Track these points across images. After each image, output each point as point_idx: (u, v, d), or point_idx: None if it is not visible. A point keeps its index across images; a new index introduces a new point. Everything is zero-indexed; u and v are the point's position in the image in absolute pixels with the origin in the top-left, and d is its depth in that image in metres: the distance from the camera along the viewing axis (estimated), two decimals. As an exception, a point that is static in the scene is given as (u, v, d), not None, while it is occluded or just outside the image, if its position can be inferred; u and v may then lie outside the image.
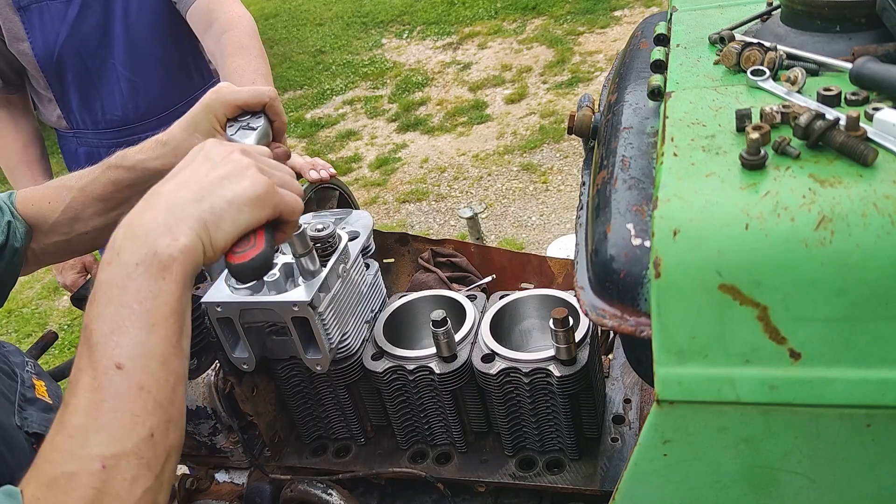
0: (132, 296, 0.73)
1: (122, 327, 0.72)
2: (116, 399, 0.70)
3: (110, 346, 0.71)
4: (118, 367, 0.71)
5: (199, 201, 0.79)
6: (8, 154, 2.15)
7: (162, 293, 0.74)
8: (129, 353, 0.71)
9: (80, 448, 0.68)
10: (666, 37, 1.07)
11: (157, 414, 0.72)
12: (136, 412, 0.70)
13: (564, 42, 5.96)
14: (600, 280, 0.82)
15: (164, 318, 0.74)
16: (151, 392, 0.72)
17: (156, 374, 0.72)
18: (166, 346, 0.73)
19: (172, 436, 0.74)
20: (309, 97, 6.35)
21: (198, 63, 2.18)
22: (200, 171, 0.82)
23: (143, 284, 0.73)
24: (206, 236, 0.78)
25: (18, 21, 1.95)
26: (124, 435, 0.70)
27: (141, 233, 0.76)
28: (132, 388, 0.71)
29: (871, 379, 0.71)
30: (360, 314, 1.32)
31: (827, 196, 0.68)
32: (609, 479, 1.20)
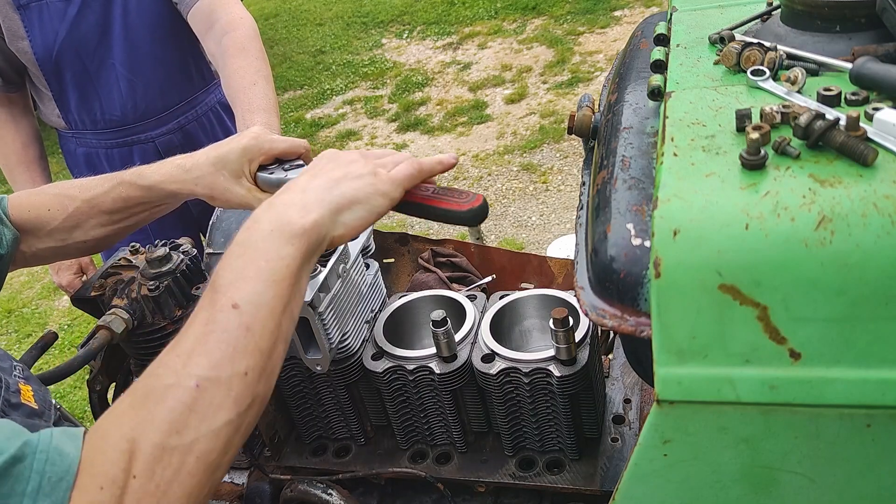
0: (261, 254, 0.83)
1: (245, 277, 0.81)
2: (224, 332, 0.78)
3: (231, 290, 0.80)
4: (234, 306, 0.79)
5: (330, 189, 0.91)
6: (7, 154, 2.15)
7: (286, 257, 0.83)
8: (245, 298, 0.80)
9: (181, 366, 0.76)
10: (666, 37, 1.07)
11: (255, 357, 0.79)
12: (239, 348, 0.78)
13: (564, 42, 5.96)
14: (600, 280, 0.82)
15: (282, 278, 0.83)
16: (255, 336, 0.79)
17: (264, 322, 0.80)
18: (278, 303, 0.82)
19: (263, 385, 0.80)
20: (309, 97, 6.35)
21: (198, 64, 2.18)
22: (328, 168, 0.95)
23: (272, 246, 0.84)
24: (338, 216, 0.90)
25: (18, 19, 1.95)
26: (222, 364, 0.77)
27: (280, 207, 0.88)
28: (240, 327, 0.79)
29: (871, 379, 0.71)
30: (360, 314, 1.32)
31: (827, 196, 0.68)
32: (609, 479, 1.20)
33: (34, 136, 2.19)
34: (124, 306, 1.32)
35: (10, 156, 2.15)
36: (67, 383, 3.65)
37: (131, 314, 1.32)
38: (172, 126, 2.17)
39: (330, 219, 0.89)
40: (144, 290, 1.33)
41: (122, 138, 2.14)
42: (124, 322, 1.31)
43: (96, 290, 1.40)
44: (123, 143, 2.15)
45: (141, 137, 2.15)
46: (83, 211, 1.19)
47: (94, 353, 1.28)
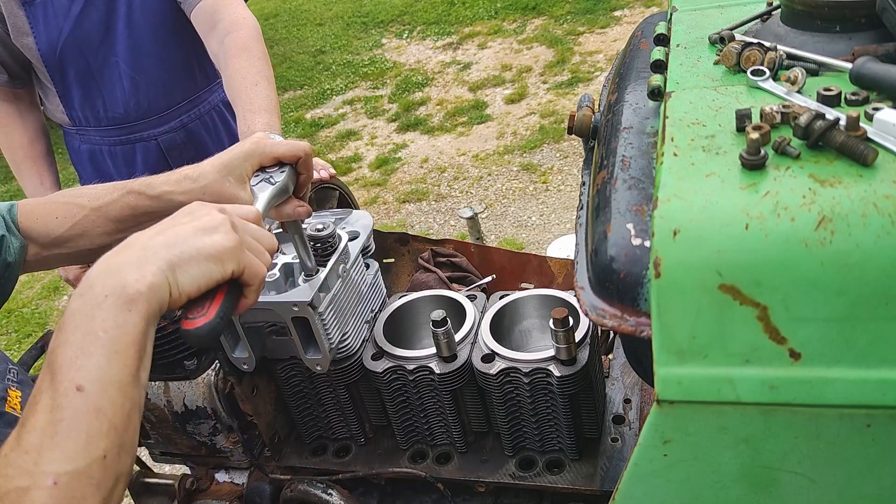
0: (98, 324, 0.77)
1: (85, 352, 0.76)
2: (73, 419, 0.73)
3: (73, 370, 0.75)
4: (78, 388, 0.74)
5: (171, 247, 0.85)
6: (14, 149, 2.16)
7: (126, 324, 0.78)
8: (89, 377, 0.75)
9: (33, 464, 0.71)
10: (666, 37, 1.07)
11: (111, 437, 0.75)
12: (92, 433, 0.73)
13: (564, 42, 5.96)
14: (600, 280, 0.82)
15: (125, 347, 0.77)
16: (108, 416, 0.75)
17: (113, 399, 0.75)
18: (125, 375, 0.77)
19: (123, 461, 0.76)
20: (309, 97, 6.35)
21: (202, 63, 2.18)
22: (178, 222, 0.89)
23: (110, 314, 0.78)
24: (174, 278, 0.83)
25: (23, 15, 1.95)
26: (78, 454, 0.72)
27: (114, 269, 0.81)
28: (89, 410, 0.74)
29: (871, 379, 0.71)
30: (360, 314, 1.32)
31: (827, 196, 0.68)
32: (609, 479, 1.20)
33: (41, 132, 2.20)
34: (124, 306, 1.32)
35: (17, 151, 2.16)
36: (67, 383, 3.64)
37: (131, 314, 1.32)
38: (175, 124, 2.17)
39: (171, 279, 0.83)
40: (144, 290, 1.33)
41: (125, 136, 2.14)
42: (124, 322, 1.30)
43: (96, 290, 1.40)
44: (126, 140, 2.15)
45: (144, 135, 2.15)
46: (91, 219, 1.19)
47: (94, 353, 1.27)
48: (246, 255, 0.90)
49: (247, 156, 1.14)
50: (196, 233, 0.87)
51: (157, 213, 1.19)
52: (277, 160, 1.15)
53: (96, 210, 1.19)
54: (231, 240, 0.88)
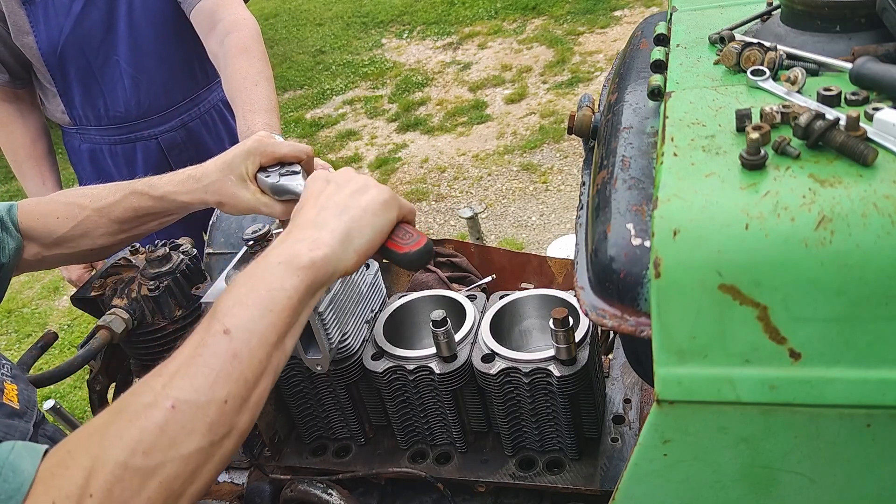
0: (264, 283, 0.83)
1: (243, 304, 0.81)
2: (211, 357, 0.77)
3: (228, 316, 0.80)
4: (225, 331, 0.78)
5: (340, 215, 0.91)
6: (16, 149, 2.16)
7: (289, 288, 0.83)
8: (238, 324, 0.79)
9: (161, 387, 0.75)
10: (666, 37, 1.07)
11: (238, 385, 0.77)
12: (222, 374, 0.76)
13: (564, 42, 5.96)
14: (600, 280, 0.82)
15: (280, 309, 0.82)
16: (242, 364, 0.78)
17: (253, 351, 0.79)
18: (271, 333, 0.81)
19: (243, 417, 0.78)
20: (309, 97, 6.35)
21: (202, 62, 2.18)
22: (330, 192, 0.94)
23: (276, 277, 0.83)
24: (350, 245, 0.89)
25: (24, 14, 1.96)
26: (203, 388, 0.75)
27: (291, 241, 0.88)
28: (227, 353, 0.77)
29: (871, 379, 0.71)
30: (360, 314, 1.32)
31: (827, 196, 0.68)
32: (609, 479, 1.20)
33: (42, 132, 2.20)
34: (124, 306, 1.32)
35: (18, 151, 2.16)
36: (67, 383, 3.65)
37: (131, 314, 1.32)
38: (175, 123, 2.17)
39: (341, 250, 0.88)
40: (144, 290, 1.33)
41: (126, 135, 2.15)
42: (124, 322, 1.31)
43: (96, 290, 1.40)
44: (127, 139, 2.16)
45: (144, 134, 2.15)
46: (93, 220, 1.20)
47: (94, 353, 1.28)
48: (398, 198, 0.97)
49: (247, 154, 1.15)
50: (354, 196, 0.93)
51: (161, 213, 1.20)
52: (279, 160, 1.16)
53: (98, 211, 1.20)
54: (385, 191, 0.95)
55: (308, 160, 1.18)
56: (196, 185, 1.16)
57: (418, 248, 0.96)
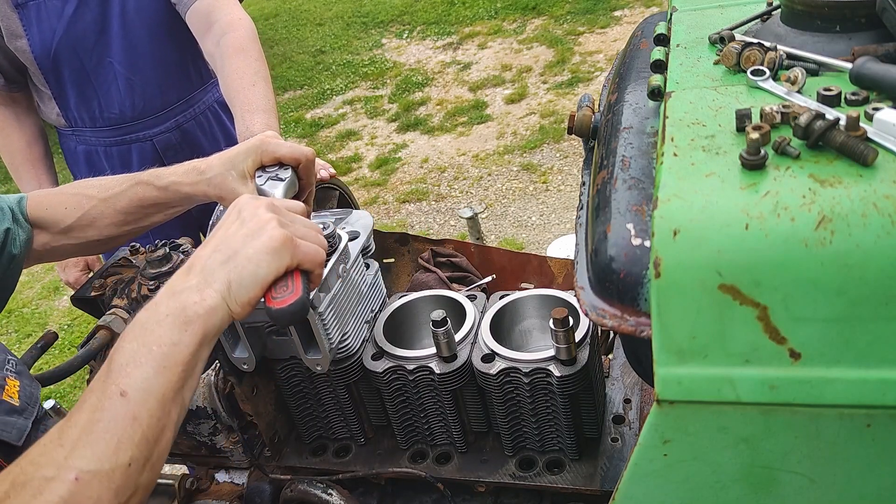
0: (154, 339, 0.82)
1: (136, 362, 0.80)
2: (111, 422, 0.77)
3: (122, 376, 0.79)
4: (122, 394, 0.78)
5: (226, 263, 0.89)
6: (12, 152, 2.16)
7: (179, 343, 0.82)
8: (134, 385, 0.79)
9: (63, 458, 0.74)
10: (666, 37, 1.07)
11: (141, 447, 0.77)
12: (124, 439, 0.76)
13: (564, 42, 5.96)
14: (600, 280, 0.82)
15: (174, 365, 0.81)
16: (143, 425, 0.78)
17: (151, 410, 0.79)
18: (168, 390, 0.81)
19: (146, 475, 0.79)
20: (309, 97, 6.35)
21: (197, 63, 2.18)
22: (230, 230, 0.92)
23: (166, 332, 0.83)
24: (230, 296, 0.87)
25: (16, 18, 1.95)
26: (106, 456, 0.75)
27: (178, 291, 0.86)
28: (126, 416, 0.77)
29: (871, 379, 0.71)
30: (360, 314, 1.32)
31: (827, 196, 0.68)
32: (609, 479, 1.20)
33: (38, 135, 2.20)
34: (124, 306, 1.32)
35: (15, 154, 2.16)
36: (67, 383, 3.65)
37: (131, 314, 1.32)
38: (170, 125, 2.17)
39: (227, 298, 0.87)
40: (144, 289, 1.33)
41: (121, 136, 2.14)
42: (124, 322, 1.31)
43: (96, 290, 1.40)
44: (122, 141, 2.15)
45: (139, 136, 2.15)
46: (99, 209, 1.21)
47: (94, 353, 1.28)
48: (298, 246, 0.92)
49: (249, 151, 1.16)
50: (245, 240, 0.90)
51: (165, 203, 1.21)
52: (278, 161, 1.17)
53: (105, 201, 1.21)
54: (279, 236, 0.90)
55: (307, 162, 1.18)
56: (199, 178, 1.17)
57: (285, 305, 0.89)
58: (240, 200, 0.96)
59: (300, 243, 0.92)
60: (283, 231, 0.91)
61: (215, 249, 0.90)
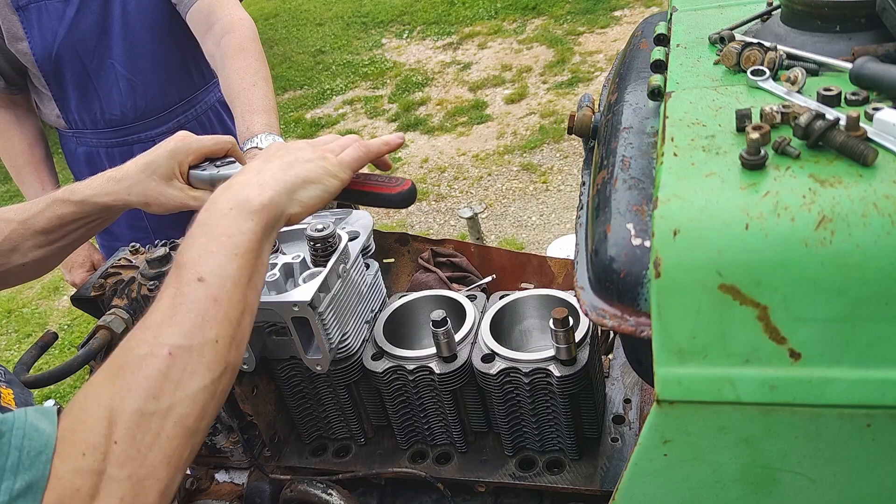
0: (223, 230, 0.87)
1: (208, 252, 0.85)
2: (193, 303, 0.81)
3: (197, 265, 0.83)
4: (199, 279, 0.82)
5: (284, 170, 0.95)
6: (14, 155, 2.16)
7: (247, 231, 0.87)
8: (211, 271, 0.83)
9: (153, 337, 0.79)
10: (666, 37, 1.07)
11: (224, 325, 0.82)
12: (208, 317, 0.81)
13: (564, 42, 5.96)
14: (600, 280, 0.82)
15: (245, 252, 0.86)
16: (223, 306, 0.82)
17: (230, 293, 0.83)
18: (242, 275, 0.85)
19: (233, 353, 0.83)
20: (309, 97, 6.35)
21: (198, 63, 2.18)
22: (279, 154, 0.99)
23: (234, 222, 0.87)
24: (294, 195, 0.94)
25: (17, 21, 1.95)
26: (193, 332, 0.80)
27: (237, 187, 0.92)
28: (208, 298, 0.82)
29: (871, 379, 0.71)
30: (360, 314, 1.32)
31: (827, 196, 0.68)
32: (609, 479, 1.20)
33: (39, 137, 2.20)
34: (124, 306, 1.32)
35: (17, 157, 2.16)
36: (67, 383, 3.65)
37: (131, 314, 1.32)
38: (172, 125, 2.17)
39: (286, 196, 0.93)
40: (144, 290, 1.33)
41: (122, 137, 2.14)
42: (124, 322, 1.31)
43: (96, 290, 1.40)
44: (123, 142, 2.15)
45: (141, 136, 2.15)
46: (19, 233, 1.19)
47: (94, 353, 1.28)
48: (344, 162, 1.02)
49: (172, 153, 1.17)
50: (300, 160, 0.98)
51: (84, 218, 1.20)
52: (206, 156, 1.19)
53: (23, 223, 1.19)
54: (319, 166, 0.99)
55: (233, 148, 1.21)
56: (116, 187, 1.17)
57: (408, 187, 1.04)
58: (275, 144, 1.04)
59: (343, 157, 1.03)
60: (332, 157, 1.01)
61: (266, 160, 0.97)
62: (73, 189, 1.19)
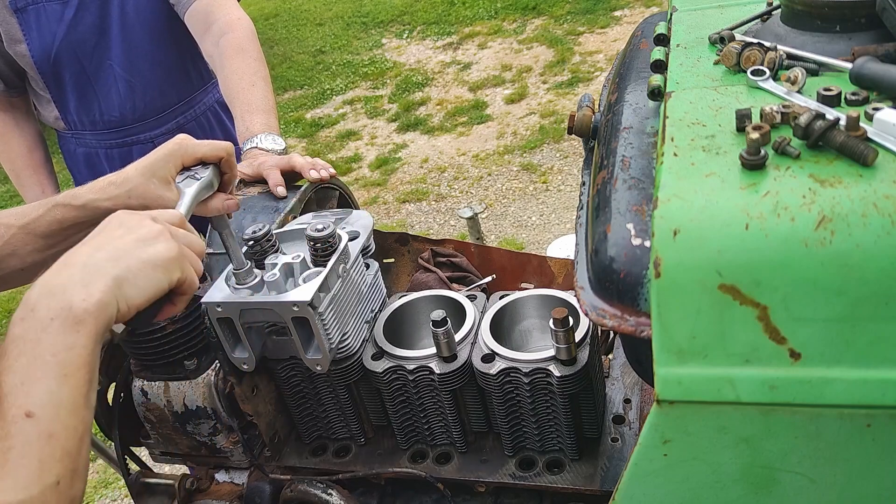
0: (46, 348, 0.75)
1: (33, 377, 0.74)
2: (25, 446, 0.72)
3: (21, 396, 0.73)
4: (27, 415, 0.72)
5: (116, 261, 0.83)
6: (13, 158, 2.15)
7: (76, 346, 0.77)
8: (39, 402, 0.73)
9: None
10: (666, 37, 1.07)
11: (64, 462, 0.73)
12: (45, 459, 0.72)
13: (564, 42, 5.96)
14: (600, 280, 0.82)
15: (76, 370, 0.76)
16: (60, 440, 0.73)
17: (65, 423, 0.74)
18: (76, 397, 0.76)
19: (77, 486, 0.75)
20: (309, 97, 6.35)
21: (196, 63, 2.18)
22: (115, 234, 0.87)
23: (58, 338, 0.76)
24: (121, 294, 0.82)
25: (16, 23, 1.94)
26: (31, 482, 0.71)
27: (58, 290, 0.79)
28: (41, 436, 0.72)
29: (871, 379, 0.71)
30: (360, 314, 1.32)
31: (827, 196, 0.68)
32: (609, 479, 1.20)
33: (39, 140, 2.20)
34: (124, 306, 1.32)
35: (16, 160, 2.15)
36: (67, 383, 3.64)
37: (131, 314, 1.32)
38: (171, 126, 2.17)
39: (118, 295, 0.82)
40: (144, 290, 1.33)
41: (122, 138, 2.14)
42: (124, 322, 1.30)
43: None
44: (123, 143, 2.15)
45: (140, 137, 2.15)
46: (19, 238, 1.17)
47: (94, 354, 1.28)
48: (187, 263, 0.91)
49: (169, 156, 1.15)
50: (138, 244, 0.86)
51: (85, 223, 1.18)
52: (200, 160, 1.17)
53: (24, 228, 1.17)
54: (173, 248, 0.89)
55: (228, 157, 1.18)
56: (118, 191, 1.16)
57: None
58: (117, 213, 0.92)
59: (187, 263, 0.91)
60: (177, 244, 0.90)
61: (97, 248, 0.85)
62: (74, 194, 1.18)
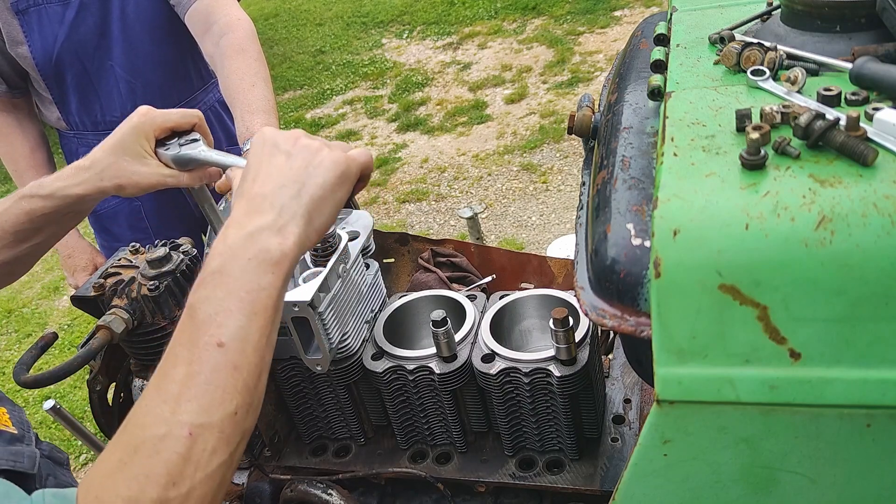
0: (241, 285, 0.79)
1: (227, 311, 0.78)
2: (212, 373, 0.75)
3: (213, 326, 0.77)
4: (219, 344, 0.76)
5: (299, 196, 0.85)
6: (16, 159, 2.15)
7: (268, 287, 0.80)
8: (230, 335, 0.77)
9: (171, 414, 0.73)
10: (666, 37, 1.07)
11: (243, 395, 0.77)
12: (228, 389, 0.76)
13: (564, 42, 5.96)
14: (600, 280, 0.82)
15: (264, 309, 0.80)
16: (243, 374, 0.77)
17: (249, 357, 0.78)
18: (261, 335, 0.79)
19: (250, 419, 0.79)
20: (309, 97, 6.35)
21: (197, 64, 2.18)
22: (280, 163, 0.88)
23: (254, 277, 0.80)
24: (312, 228, 0.85)
25: (17, 25, 1.95)
26: (213, 408, 0.74)
27: (254, 231, 0.82)
28: (227, 366, 0.76)
29: (871, 379, 0.71)
30: (360, 314, 1.32)
31: (827, 196, 0.68)
32: (609, 479, 1.20)
33: (41, 140, 2.20)
34: (124, 306, 1.32)
35: (19, 161, 2.15)
36: (67, 383, 3.65)
37: (131, 314, 1.32)
38: None
39: (305, 235, 0.85)
40: (144, 290, 1.33)
41: None
42: (124, 322, 1.31)
43: (96, 289, 1.40)
44: None
45: None
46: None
47: (94, 353, 1.28)
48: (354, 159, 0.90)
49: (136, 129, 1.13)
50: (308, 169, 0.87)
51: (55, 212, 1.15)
52: (171, 130, 1.15)
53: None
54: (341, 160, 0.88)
55: (201, 122, 1.16)
56: (87, 175, 1.13)
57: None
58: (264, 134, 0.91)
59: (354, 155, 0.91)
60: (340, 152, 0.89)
61: (280, 185, 0.86)
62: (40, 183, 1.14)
